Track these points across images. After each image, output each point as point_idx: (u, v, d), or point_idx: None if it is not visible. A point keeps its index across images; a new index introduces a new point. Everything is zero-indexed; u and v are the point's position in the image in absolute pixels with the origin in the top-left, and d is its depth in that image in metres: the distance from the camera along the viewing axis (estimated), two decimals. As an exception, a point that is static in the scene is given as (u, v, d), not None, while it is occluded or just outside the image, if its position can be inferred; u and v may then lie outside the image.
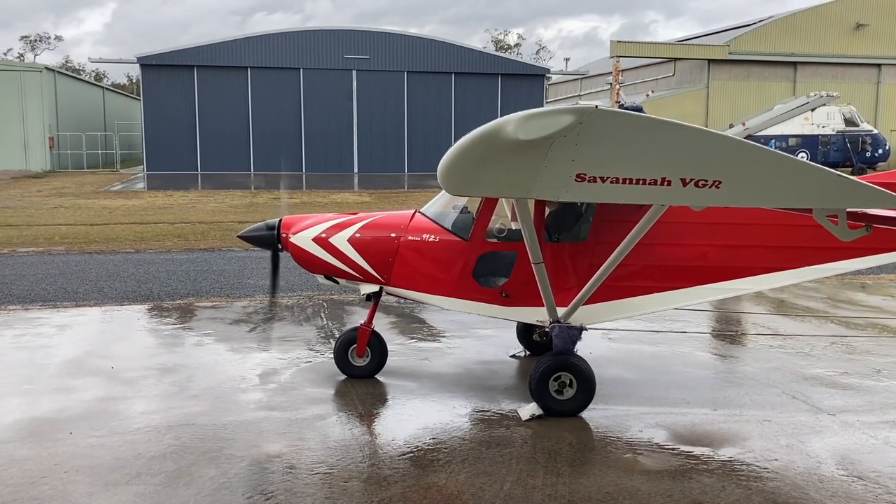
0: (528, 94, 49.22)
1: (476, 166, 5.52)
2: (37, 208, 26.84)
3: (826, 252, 7.39)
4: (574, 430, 6.89)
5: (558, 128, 4.96)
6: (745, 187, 5.43)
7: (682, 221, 7.39)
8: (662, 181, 5.33)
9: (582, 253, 7.58)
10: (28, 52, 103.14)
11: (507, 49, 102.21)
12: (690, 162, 5.21)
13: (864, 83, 60.41)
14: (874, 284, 14.33)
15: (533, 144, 5.11)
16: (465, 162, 5.50)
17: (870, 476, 6.01)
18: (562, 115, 4.92)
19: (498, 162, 5.40)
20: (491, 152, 5.32)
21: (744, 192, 5.52)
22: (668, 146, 5.11)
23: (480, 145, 5.28)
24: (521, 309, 7.72)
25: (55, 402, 7.53)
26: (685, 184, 5.32)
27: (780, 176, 5.32)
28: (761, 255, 7.49)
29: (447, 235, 7.83)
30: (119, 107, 65.60)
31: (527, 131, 5.02)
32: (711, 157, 5.18)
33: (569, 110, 4.90)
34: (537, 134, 5.02)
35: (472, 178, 5.69)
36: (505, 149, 5.22)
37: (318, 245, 8.02)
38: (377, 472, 5.99)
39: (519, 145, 5.13)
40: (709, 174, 5.26)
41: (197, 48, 46.53)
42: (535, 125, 5.01)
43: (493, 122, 5.14)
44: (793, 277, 7.61)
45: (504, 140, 5.12)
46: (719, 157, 5.18)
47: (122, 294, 12.82)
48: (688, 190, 5.36)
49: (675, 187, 5.35)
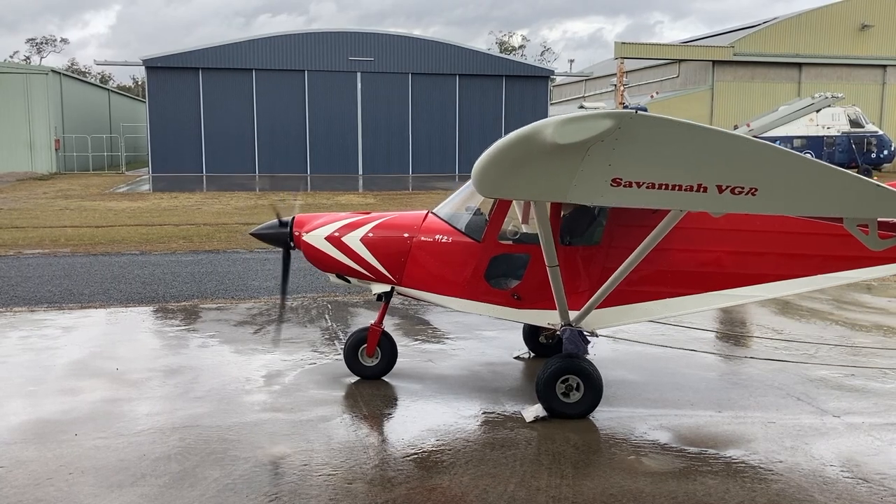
0: (533, 96, 49.28)
1: (512, 169, 5.51)
2: (42, 210, 26.91)
3: (838, 261, 7.35)
4: (578, 432, 6.89)
5: (596, 132, 4.95)
6: (782, 196, 5.40)
7: (695, 227, 7.35)
8: (699, 187, 5.31)
9: (595, 257, 7.54)
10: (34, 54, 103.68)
11: (511, 51, 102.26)
12: (728, 169, 5.18)
13: (870, 84, 60.27)
14: (880, 286, 14.29)
15: (570, 148, 5.10)
16: (502, 165, 5.49)
17: (874, 478, 5.99)
18: (601, 119, 4.92)
19: (534, 165, 5.39)
20: (528, 156, 5.32)
21: (780, 201, 5.49)
22: (707, 152, 5.08)
23: (518, 148, 5.28)
24: (532, 311, 7.70)
25: (60, 404, 7.56)
26: (721, 190, 5.30)
27: (818, 185, 5.29)
28: (774, 263, 7.43)
29: (460, 237, 7.82)
30: (124, 109, 65.74)
31: (565, 135, 5.02)
32: (750, 164, 5.15)
33: (608, 114, 4.90)
34: (575, 138, 5.02)
35: (508, 181, 5.69)
36: (542, 152, 5.21)
37: (330, 244, 8.02)
38: (382, 474, 6.00)
39: (556, 149, 5.12)
40: (746, 181, 5.23)
41: (202, 50, 46.65)
42: (573, 129, 5.00)
43: (531, 125, 5.14)
44: (805, 285, 7.54)
45: (541, 144, 5.12)
46: (758, 164, 5.15)
47: (127, 296, 12.85)
48: (724, 196, 5.33)
49: (711, 194, 5.32)
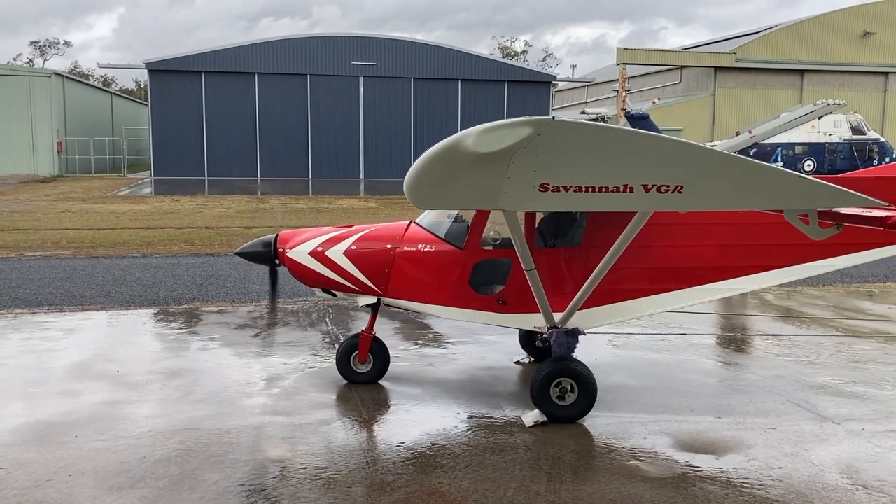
0: (535, 101, 49.31)
1: (440, 180, 5.57)
2: (44, 212, 26.94)
3: (821, 249, 7.40)
4: (577, 437, 6.89)
5: (517, 139, 4.98)
6: (708, 192, 5.48)
7: (675, 223, 7.42)
8: (625, 188, 5.38)
9: (577, 258, 7.62)
10: (37, 57, 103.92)
11: (513, 56, 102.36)
12: (651, 168, 5.26)
13: (871, 91, 60.33)
14: (881, 293, 14.29)
15: (493, 157, 5.13)
16: (429, 176, 5.55)
17: (874, 485, 5.99)
18: (519, 126, 4.94)
19: (461, 175, 5.44)
20: (453, 166, 5.37)
21: (707, 197, 5.58)
22: (628, 153, 5.15)
23: (442, 160, 5.33)
24: (517, 316, 7.74)
25: (61, 406, 7.57)
26: (647, 189, 5.37)
27: (742, 179, 5.37)
28: (756, 254, 7.53)
29: (442, 245, 7.86)
30: (127, 112, 65.86)
31: (485, 144, 5.05)
32: (672, 163, 5.22)
33: (526, 122, 4.92)
34: (496, 146, 5.04)
35: (438, 192, 5.75)
36: (466, 162, 5.25)
37: (314, 259, 8.05)
38: (381, 478, 6.00)
39: (480, 158, 5.16)
40: (670, 179, 5.31)
41: (204, 54, 46.76)
42: (492, 138, 5.02)
43: (453, 136, 5.17)
44: (788, 275, 7.64)
45: (464, 154, 5.15)
46: (680, 162, 5.22)
47: (128, 298, 12.87)
48: (651, 195, 5.40)
49: (638, 193, 5.39)
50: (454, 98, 49.04)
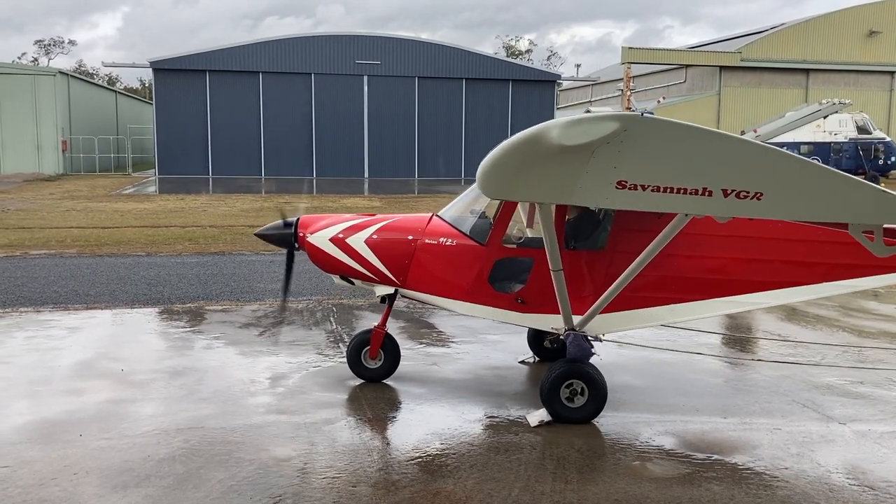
0: (539, 100, 49.28)
1: (517, 170, 5.50)
2: (49, 211, 26.99)
3: (844, 269, 7.31)
4: (583, 437, 6.87)
5: (602, 134, 4.95)
6: (787, 200, 5.40)
7: (700, 233, 7.32)
8: (704, 191, 5.31)
9: (599, 261, 7.51)
10: (42, 56, 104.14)
11: (518, 55, 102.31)
12: (733, 173, 5.18)
13: (877, 91, 60.20)
14: (887, 294, 14.23)
15: (575, 150, 5.10)
16: (507, 166, 5.48)
17: (880, 486, 5.96)
18: (606, 121, 4.91)
19: (539, 167, 5.39)
20: (533, 157, 5.31)
21: (785, 205, 5.49)
22: (712, 156, 5.08)
23: (523, 149, 5.27)
24: (536, 316, 7.68)
25: (65, 405, 7.57)
26: (726, 194, 5.30)
27: (823, 190, 5.28)
28: (780, 270, 7.39)
29: (464, 240, 7.80)
30: (131, 111, 65.98)
31: (570, 137, 5.01)
32: (755, 168, 5.14)
33: (613, 117, 4.89)
34: (580, 140, 5.01)
35: (513, 182, 5.69)
36: (547, 154, 5.20)
37: (334, 245, 8.01)
38: (386, 477, 5.99)
39: (561, 150, 5.12)
40: (751, 186, 5.23)
41: (209, 53, 46.79)
42: (578, 131, 4.99)
43: (537, 126, 5.12)
44: (811, 293, 7.51)
45: (547, 145, 5.11)
46: (763, 168, 5.13)
47: (132, 297, 12.88)
48: (729, 201, 5.33)
49: (716, 197, 5.32)
50: (458, 97, 48.98)
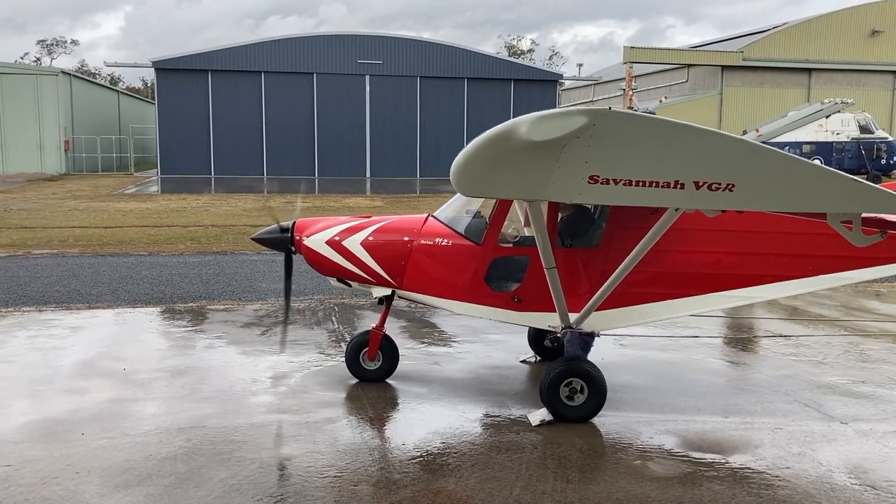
0: (541, 100, 49.16)
1: (489, 167, 5.52)
2: (51, 210, 27.03)
3: (840, 261, 7.33)
4: (584, 436, 6.87)
5: (571, 129, 4.96)
6: (759, 191, 5.41)
7: (695, 228, 7.35)
8: (676, 184, 5.33)
9: (594, 259, 7.53)
10: (44, 55, 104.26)
11: (520, 54, 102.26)
12: (704, 165, 5.20)
13: (880, 90, 60.06)
14: (888, 292, 14.22)
15: (546, 146, 5.10)
16: (479, 163, 5.50)
17: (882, 485, 5.96)
18: (575, 116, 4.92)
19: (511, 163, 5.40)
20: (504, 153, 5.32)
21: (758, 196, 5.50)
22: (682, 149, 5.10)
23: (493, 146, 5.28)
24: (532, 314, 7.70)
25: (67, 404, 7.58)
26: (698, 187, 5.31)
27: (795, 180, 5.29)
28: (774, 264, 7.41)
29: (460, 240, 7.82)
30: (134, 110, 66.00)
31: (540, 132, 5.02)
32: (725, 160, 5.16)
33: (582, 112, 4.90)
34: (550, 135, 5.02)
35: (486, 179, 5.70)
36: (518, 150, 5.21)
37: (331, 248, 8.03)
38: (387, 476, 5.99)
39: (532, 146, 5.12)
40: (722, 177, 5.25)
41: (211, 52, 46.78)
42: (548, 126, 5.00)
43: (507, 122, 5.13)
44: (806, 286, 7.52)
45: (517, 141, 5.12)
46: (733, 160, 5.16)
47: (134, 296, 12.89)
48: (701, 193, 5.35)
49: (689, 190, 5.34)
50: (460, 96, 48.93)
